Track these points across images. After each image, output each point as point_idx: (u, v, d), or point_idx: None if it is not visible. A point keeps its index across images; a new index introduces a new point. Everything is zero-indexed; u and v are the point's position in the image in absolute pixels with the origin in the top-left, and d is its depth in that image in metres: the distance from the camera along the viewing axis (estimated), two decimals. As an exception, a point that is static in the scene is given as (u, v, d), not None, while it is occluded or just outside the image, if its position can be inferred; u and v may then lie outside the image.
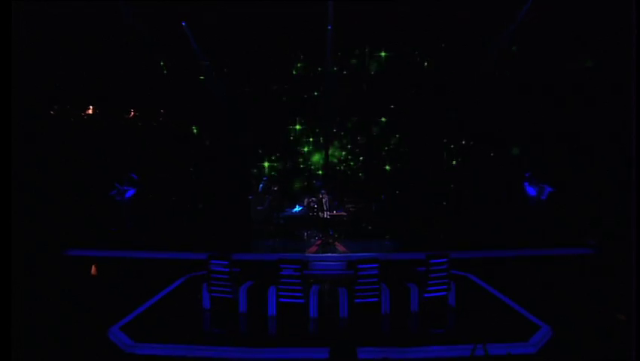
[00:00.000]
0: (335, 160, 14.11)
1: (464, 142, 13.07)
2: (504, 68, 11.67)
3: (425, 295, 6.87)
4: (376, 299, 6.73)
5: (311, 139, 14.33)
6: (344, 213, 11.92)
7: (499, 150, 12.39)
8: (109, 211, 11.28)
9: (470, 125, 12.65)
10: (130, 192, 11.51)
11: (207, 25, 11.52)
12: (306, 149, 14.07)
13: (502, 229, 10.84)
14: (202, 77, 12.74)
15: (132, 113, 13.07)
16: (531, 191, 10.99)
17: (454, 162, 13.16)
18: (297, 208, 12.50)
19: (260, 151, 14.41)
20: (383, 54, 13.23)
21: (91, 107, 12.61)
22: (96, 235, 10.45)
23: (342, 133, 14.07)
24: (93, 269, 8.85)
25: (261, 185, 12.62)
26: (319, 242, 10.69)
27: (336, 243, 10.60)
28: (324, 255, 9.43)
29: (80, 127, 12.31)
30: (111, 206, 11.31)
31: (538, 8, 10.25)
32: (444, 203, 12.83)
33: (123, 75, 11.97)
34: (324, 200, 11.16)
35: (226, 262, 6.92)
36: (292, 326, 6.51)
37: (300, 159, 14.18)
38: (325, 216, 11.08)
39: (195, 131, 13.55)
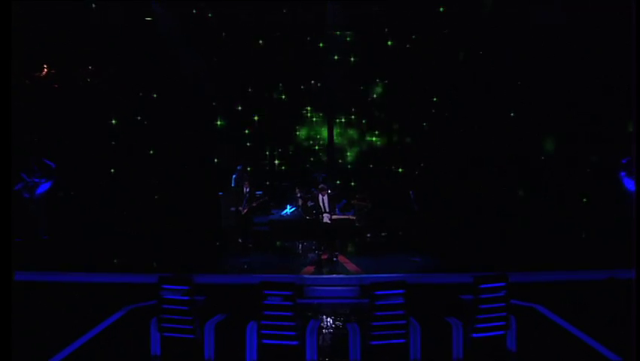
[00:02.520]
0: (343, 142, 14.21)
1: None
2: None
3: (473, 334, 6.91)
4: (402, 340, 6.76)
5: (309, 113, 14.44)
6: (352, 217, 11.96)
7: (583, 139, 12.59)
8: (12, 213, 11.27)
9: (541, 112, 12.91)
10: (44, 186, 11.53)
11: None
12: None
13: (585, 242, 10.85)
14: (149, 18, 12.77)
15: (45, 69, 13.07)
16: (629, 185, 10.99)
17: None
18: (288, 210, 12.55)
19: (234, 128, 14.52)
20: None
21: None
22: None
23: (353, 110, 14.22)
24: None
25: (234, 176, 12.64)
26: (322, 257, 10.76)
27: (343, 258, 10.66)
28: (326, 276, 9.51)
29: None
30: (16, 206, 11.31)
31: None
32: (501, 201, 12.90)
33: (32, 14, 11.92)
34: (322, 199, 11.07)
35: (185, 287, 6.93)
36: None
37: (302, 136, 14.34)
38: (326, 220, 11.09)
39: (139, 96, 13.54)
